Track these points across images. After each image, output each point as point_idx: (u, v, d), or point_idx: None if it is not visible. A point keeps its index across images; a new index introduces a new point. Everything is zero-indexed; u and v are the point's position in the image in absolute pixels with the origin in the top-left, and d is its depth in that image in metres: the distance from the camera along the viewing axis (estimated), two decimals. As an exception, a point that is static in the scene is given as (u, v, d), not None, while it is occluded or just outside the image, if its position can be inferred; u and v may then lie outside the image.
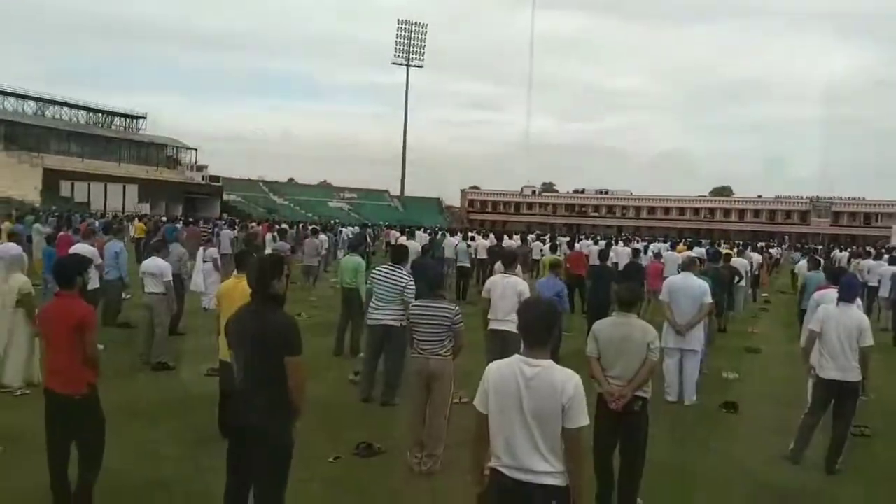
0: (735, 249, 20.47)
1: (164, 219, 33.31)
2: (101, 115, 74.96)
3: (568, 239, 25.44)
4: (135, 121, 76.93)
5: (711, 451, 6.11)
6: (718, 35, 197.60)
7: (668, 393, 7.64)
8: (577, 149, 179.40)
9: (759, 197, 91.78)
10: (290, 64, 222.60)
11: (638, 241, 27.63)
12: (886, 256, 16.96)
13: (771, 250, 28.56)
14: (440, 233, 27.05)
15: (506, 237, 24.49)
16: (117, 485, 4.65)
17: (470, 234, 24.38)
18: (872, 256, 18.90)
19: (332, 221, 47.34)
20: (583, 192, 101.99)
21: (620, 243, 23.79)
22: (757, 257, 20.01)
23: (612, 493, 4.70)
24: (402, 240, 18.58)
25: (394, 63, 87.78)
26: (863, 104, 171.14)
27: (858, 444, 6.18)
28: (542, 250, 19.09)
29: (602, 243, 17.66)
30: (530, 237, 27.48)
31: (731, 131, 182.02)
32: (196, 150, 77.81)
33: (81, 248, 8.88)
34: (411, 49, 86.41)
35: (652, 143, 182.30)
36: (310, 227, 22.86)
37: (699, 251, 16.82)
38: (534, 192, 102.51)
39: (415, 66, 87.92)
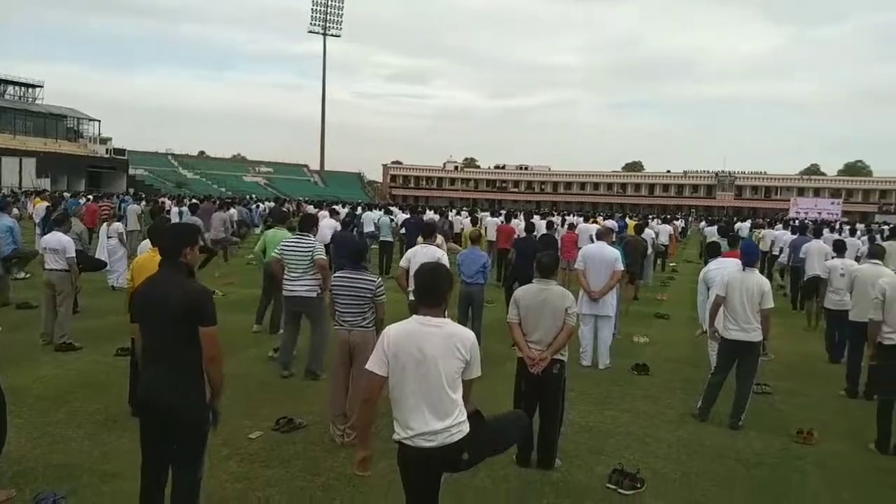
0: (633, 221, 21.30)
1: (66, 194, 31.28)
2: (-9, 82, 69.13)
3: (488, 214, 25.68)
4: (31, 90, 71.39)
5: (624, 411, 6.38)
6: (642, 12, 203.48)
7: (583, 358, 7.91)
8: (499, 124, 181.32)
9: (668, 172, 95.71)
10: (201, 31, 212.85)
11: (555, 216, 28.38)
12: (780, 225, 18.21)
13: (675, 222, 29.93)
14: (360, 207, 26.79)
15: (429, 211, 24.51)
16: (20, 469, 4.39)
17: (391, 208, 24.25)
18: (775, 226, 20.20)
19: (249, 196, 45.94)
20: (503, 167, 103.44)
21: (536, 217, 24.29)
22: (667, 228, 20.88)
23: (531, 452, 4.84)
24: (324, 214, 18.28)
25: (310, 31, 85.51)
26: (771, 83, 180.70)
27: (760, 400, 6.61)
28: (462, 224, 19.25)
29: (500, 217, 18.20)
30: (451, 211, 27.63)
31: (648, 107, 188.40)
32: (99, 121, 73.20)
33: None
34: (328, 17, 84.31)
35: (571, 119, 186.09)
36: (218, 201, 21.94)
37: (611, 223, 17.45)
38: (456, 167, 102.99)
39: (332, 35, 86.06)
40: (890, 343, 5.57)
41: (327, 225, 14.36)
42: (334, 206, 22.87)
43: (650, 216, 29.12)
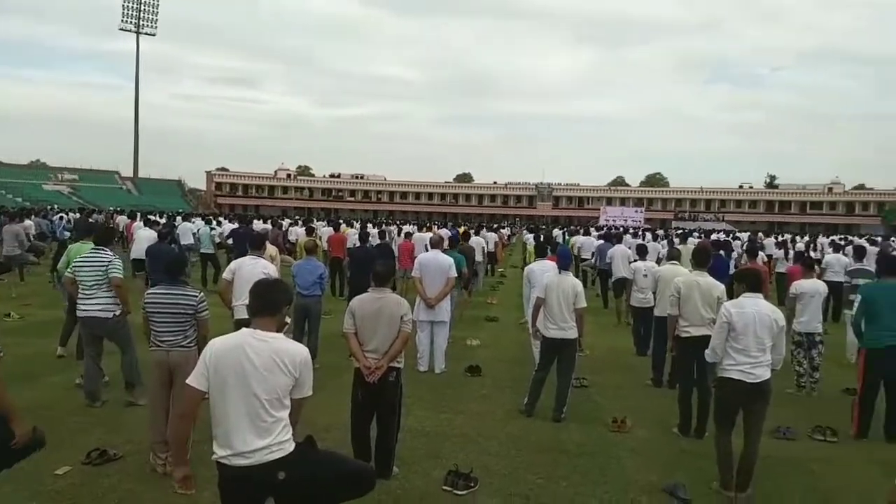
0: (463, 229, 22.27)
1: None
2: None
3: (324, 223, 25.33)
4: None
5: (459, 413, 6.57)
6: (471, 31, 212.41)
7: (419, 364, 8.05)
8: (334, 133, 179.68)
9: (495, 183, 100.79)
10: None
11: (386, 225, 28.74)
12: (596, 233, 19.92)
13: (502, 230, 31.64)
14: (179, 217, 25.22)
15: (257, 221, 23.61)
16: None
17: (217, 218, 23.07)
18: (583, 233, 22.07)
19: (49, 207, 41.32)
20: (339, 176, 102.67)
21: (369, 225, 24.46)
22: (493, 236, 21.95)
23: (369, 462, 4.80)
24: (138, 225, 16.93)
25: (122, 29, 78.91)
26: (582, 100, 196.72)
27: (579, 394, 7.12)
28: (297, 234, 18.79)
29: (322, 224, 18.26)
30: (285, 221, 26.93)
31: (477, 121, 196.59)
32: None
33: None
34: (142, 14, 78.28)
35: (405, 130, 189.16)
36: (9, 211, 19.39)
37: (445, 231, 18.00)
38: (289, 175, 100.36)
39: (146, 33, 79.90)
40: (686, 335, 6.26)
41: (143, 237, 13.33)
42: (148, 216, 21.15)
43: (481, 224, 30.48)
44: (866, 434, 6.22)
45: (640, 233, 24.96)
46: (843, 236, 29.95)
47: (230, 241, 15.46)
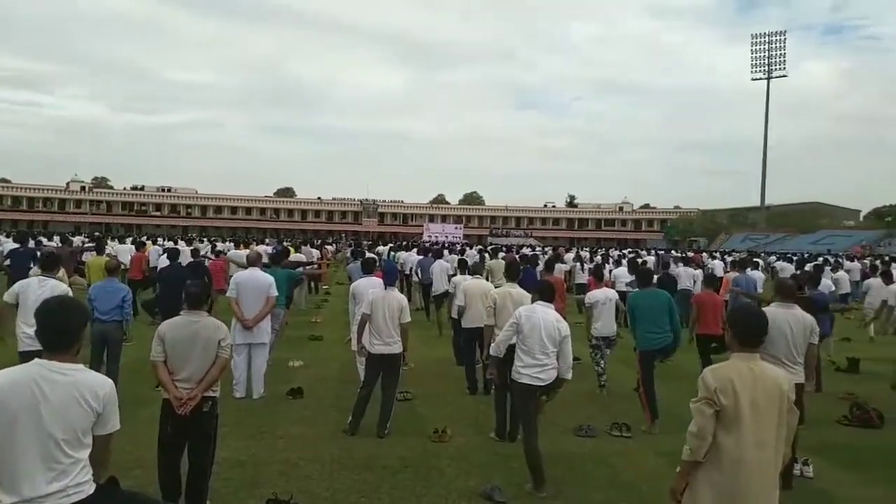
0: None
1: None
2: None
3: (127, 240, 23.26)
4: None
5: (279, 437, 6.35)
6: (281, 39, 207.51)
7: (236, 390, 7.67)
8: (136, 142, 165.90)
9: (319, 199, 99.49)
10: None
11: (202, 241, 27.16)
12: (415, 249, 20.46)
13: (327, 247, 31.35)
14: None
15: (43, 239, 21.10)
16: None
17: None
18: (407, 249, 22.58)
19: None
20: (142, 189, 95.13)
21: (181, 242, 23.02)
22: (316, 252, 21.66)
23: (178, 500, 4.48)
24: None
25: None
26: (404, 120, 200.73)
27: (403, 407, 7.22)
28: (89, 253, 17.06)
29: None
30: (77, 238, 24.39)
31: (296, 134, 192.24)
32: None
33: None
34: None
35: (218, 141, 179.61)
36: None
37: (263, 248, 17.41)
38: (83, 187, 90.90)
39: None
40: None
41: None
42: None
43: (301, 242, 29.92)
44: (657, 416, 7.00)
45: (458, 248, 26.01)
46: (632, 249, 33.57)
47: (7, 263, 13.52)
